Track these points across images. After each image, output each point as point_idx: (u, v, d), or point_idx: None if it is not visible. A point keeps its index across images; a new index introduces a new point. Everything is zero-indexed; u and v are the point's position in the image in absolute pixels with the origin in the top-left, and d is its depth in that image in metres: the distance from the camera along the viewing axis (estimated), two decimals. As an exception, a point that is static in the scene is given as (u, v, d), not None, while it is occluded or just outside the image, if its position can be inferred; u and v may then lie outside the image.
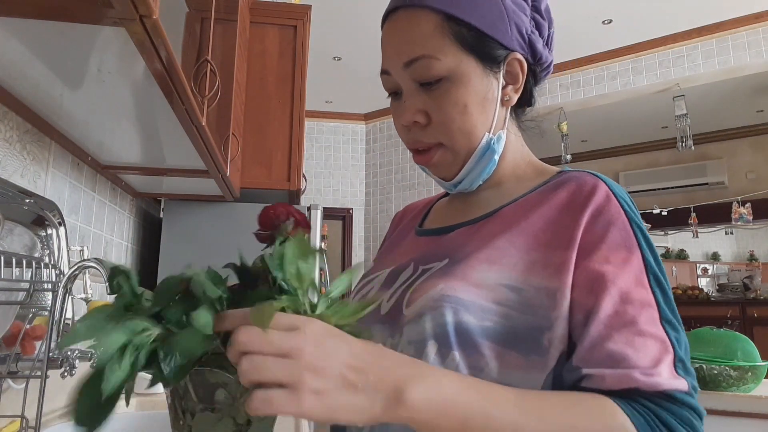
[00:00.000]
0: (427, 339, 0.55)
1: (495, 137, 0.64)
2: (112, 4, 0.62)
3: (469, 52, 0.61)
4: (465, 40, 0.61)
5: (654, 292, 0.54)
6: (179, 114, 1.06)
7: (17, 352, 1.03)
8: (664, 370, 0.49)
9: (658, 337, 0.51)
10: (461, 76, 0.61)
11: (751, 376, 1.71)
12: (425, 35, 0.61)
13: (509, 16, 0.62)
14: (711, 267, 6.69)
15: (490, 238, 0.60)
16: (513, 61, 0.63)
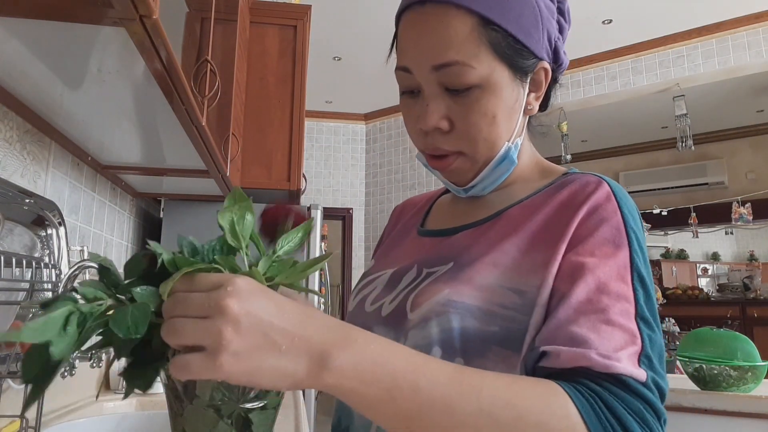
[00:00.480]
0: (433, 344, 0.55)
1: (513, 145, 0.62)
2: (112, 4, 0.62)
3: (501, 60, 0.58)
4: (500, 47, 0.58)
5: (635, 289, 0.51)
6: (179, 114, 1.06)
7: (17, 352, 1.03)
8: (623, 357, 0.46)
9: (627, 330, 0.48)
10: (494, 86, 0.58)
11: (751, 376, 1.71)
12: (460, 39, 0.56)
13: (543, 23, 0.60)
14: (711, 267, 6.69)
15: (496, 241, 0.59)
16: (540, 70, 0.62)
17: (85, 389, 1.56)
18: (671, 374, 2.09)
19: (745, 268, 5.98)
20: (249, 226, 0.46)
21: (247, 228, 0.45)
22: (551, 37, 0.62)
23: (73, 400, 1.46)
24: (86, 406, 1.45)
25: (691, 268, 6.67)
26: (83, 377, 1.52)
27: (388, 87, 4.62)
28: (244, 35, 2.16)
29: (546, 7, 0.61)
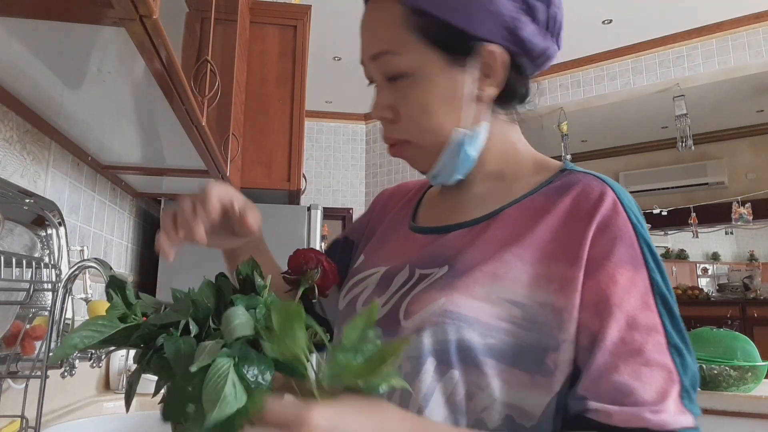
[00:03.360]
0: (426, 355, 0.54)
1: (468, 133, 0.60)
2: (112, 4, 0.62)
3: (434, 47, 0.57)
4: (430, 33, 0.57)
5: (661, 315, 0.51)
6: (179, 114, 1.06)
7: (17, 352, 1.03)
8: (671, 406, 0.48)
9: (664, 367, 0.49)
10: (424, 74, 0.58)
11: (751, 376, 1.71)
12: (388, 29, 0.58)
13: (490, 3, 0.57)
14: (711, 267, 6.69)
15: (495, 248, 0.57)
16: (487, 53, 0.58)
17: (85, 389, 1.56)
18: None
19: (745, 268, 5.99)
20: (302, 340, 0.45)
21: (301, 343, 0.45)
22: (504, 17, 0.57)
23: (73, 400, 1.46)
24: (86, 406, 1.44)
25: (691, 268, 6.67)
26: (83, 377, 1.52)
27: (388, 87, 4.62)
28: (244, 35, 2.16)
29: None
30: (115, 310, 0.49)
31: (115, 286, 0.49)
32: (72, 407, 1.40)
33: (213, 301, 0.55)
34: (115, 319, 0.49)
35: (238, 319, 0.49)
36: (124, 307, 0.50)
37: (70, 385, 1.42)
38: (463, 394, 0.53)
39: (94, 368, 1.54)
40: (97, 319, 0.48)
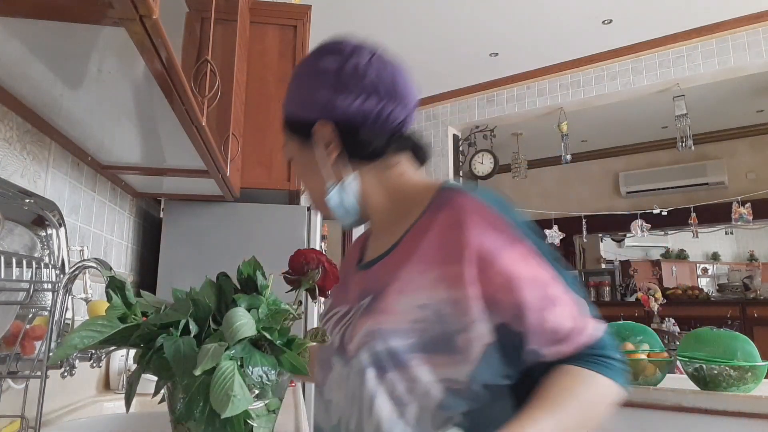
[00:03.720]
0: (366, 368, 0.70)
1: (338, 184, 0.79)
2: (112, 4, 0.62)
3: (292, 134, 0.82)
4: (288, 128, 0.83)
5: (546, 268, 0.68)
6: (179, 114, 1.06)
7: (17, 352, 1.03)
8: (588, 322, 0.69)
9: (570, 301, 0.68)
10: (294, 156, 0.84)
11: (751, 376, 1.71)
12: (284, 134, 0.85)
13: (305, 94, 0.79)
14: (711, 267, 6.69)
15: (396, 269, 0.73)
16: (318, 129, 0.78)
17: (85, 389, 1.56)
18: (671, 374, 2.09)
19: (745, 268, 5.98)
20: None
21: None
22: (320, 101, 0.77)
23: (73, 400, 1.46)
24: (86, 406, 1.45)
25: (691, 268, 6.67)
26: (83, 377, 1.52)
27: (388, 87, 4.62)
28: (244, 35, 2.16)
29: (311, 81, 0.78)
30: (115, 310, 0.49)
31: (115, 286, 0.49)
32: (72, 407, 1.40)
33: (214, 301, 0.55)
34: (114, 319, 0.49)
35: (241, 320, 0.49)
36: (124, 307, 0.50)
37: (70, 385, 1.42)
38: (404, 388, 0.69)
39: (94, 368, 1.54)
40: (97, 319, 0.48)
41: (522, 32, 3.74)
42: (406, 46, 3.87)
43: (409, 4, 3.38)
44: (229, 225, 2.15)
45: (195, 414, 0.49)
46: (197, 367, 0.46)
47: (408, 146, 0.82)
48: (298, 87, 0.81)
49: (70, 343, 0.46)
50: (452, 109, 4.80)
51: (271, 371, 0.52)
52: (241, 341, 0.50)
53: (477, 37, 3.81)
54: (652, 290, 3.53)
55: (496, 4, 3.39)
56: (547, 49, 3.99)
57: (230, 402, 0.45)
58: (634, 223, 4.94)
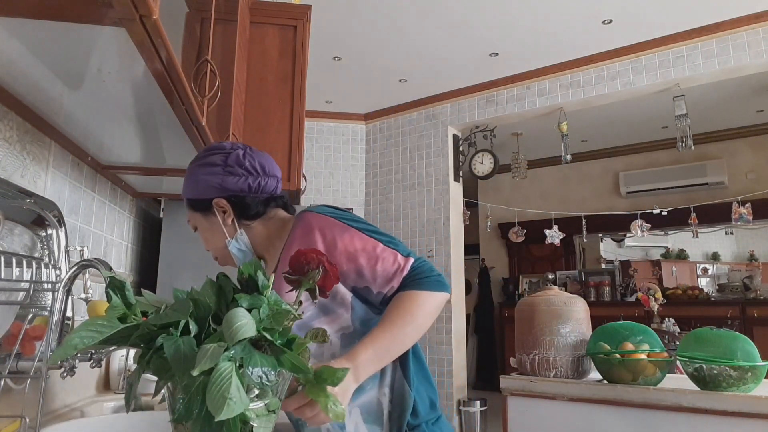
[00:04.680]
0: None
1: (233, 239, 1.11)
2: (112, 4, 0.62)
3: (194, 210, 1.12)
4: (191, 205, 1.12)
5: (371, 236, 1.03)
6: (179, 114, 1.06)
7: (17, 352, 1.03)
8: (401, 260, 1.02)
9: (390, 254, 1.02)
10: (198, 225, 1.13)
11: (751, 376, 1.71)
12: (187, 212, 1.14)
13: (201, 182, 1.08)
14: (711, 267, 6.69)
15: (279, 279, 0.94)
16: (216, 203, 1.09)
17: (85, 389, 1.56)
18: (671, 374, 2.09)
19: (745, 268, 5.98)
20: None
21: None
22: (212, 183, 1.07)
23: (73, 400, 1.46)
24: (86, 406, 1.44)
25: (691, 268, 6.67)
26: (83, 377, 1.52)
27: (388, 87, 4.62)
28: (244, 35, 2.16)
29: (204, 172, 1.08)
30: (115, 311, 0.49)
31: (115, 286, 0.49)
32: (72, 407, 1.40)
33: (214, 301, 0.55)
34: (114, 319, 0.49)
35: (241, 321, 0.49)
36: (124, 307, 0.50)
37: (70, 385, 1.42)
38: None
39: (94, 368, 1.54)
40: (97, 320, 0.48)
41: (522, 32, 3.74)
42: (406, 46, 3.87)
43: (409, 4, 3.38)
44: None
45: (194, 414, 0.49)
46: (195, 368, 0.46)
47: (281, 204, 1.16)
48: (195, 177, 1.09)
49: (70, 343, 0.46)
50: (452, 109, 4.80)
51: (270, 372, 0.52)
52: (240, 341, 0.49)
53: (477, 37, 3.81)
54: (652, 290, 3.53)
55: (496, 4, 3.39)
56: (547, 49, 3.99)
57: (226, 404, 0.45)
58: (634, 223, 4.93)
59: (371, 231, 1.05)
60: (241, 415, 0.50)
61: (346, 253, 1.01)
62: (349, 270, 1.01)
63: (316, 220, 1.04)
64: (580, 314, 2.16)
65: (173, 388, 0.52)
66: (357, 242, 1.01)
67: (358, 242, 1.01)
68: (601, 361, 1.98)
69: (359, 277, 1.01)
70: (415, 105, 4.95)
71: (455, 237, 4.65)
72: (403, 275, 1.01)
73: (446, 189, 4.70)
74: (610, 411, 1.91)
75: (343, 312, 1.04)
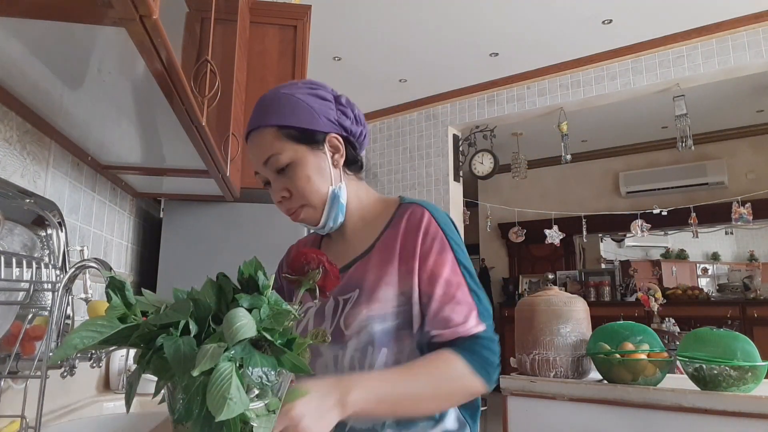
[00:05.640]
0: (368, 345, 0.89)
1: (337, 188, 0.96)
2: (112, 4, 0.62)
3: (299, 143, 0.93)
4: (294, 136, 0.92)
5: (464, 275, 0.91)
6: (179, 114, 1.06)
7: (17, 352, 1.03)
8: (472, 321, 0.87)
9: (468, 303, 0.89)
10: (299, 160, 0.92)
11: (751, 376, 1.71)
12: (268, 142, 0.92)
13: (318, 113, 0.93)
14: (711, 267, 6.69)
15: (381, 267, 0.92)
16: (331, 139, 0.95)
17: (85, 389, 1.56)
18: (671, 374, 2.09)
19: (745, 268, 5.98)
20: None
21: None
22: (331, 118, 0.94)
23: (73, 400, 1.46)
24: (86, 406, 1.45)
25: (691, 268, 6.67)
26: (83, 377, 1.52)
27: (388, 87, 4.62)
28: (244, 35, 2.16)
29: (319, 103, 0.94)
30: (115, 311, 0.49)
31: (115, 286, 0.49)
32: (72, 407, 1.40)
33: (214, 301, 0.55)
34: (114, 319, 0.49)
35: (241, 321, 0.49)
36: (124, 307, 0.50)
37: (70, 385, 1.42)
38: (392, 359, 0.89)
39: (94, 368, 1.54)
40: (97, 320, 0.48)
41: (522, 32, 3.74)
42: (406, 46, 3.87)
43: (409, 5, 3.38)
44: (229, 225, 2.15)
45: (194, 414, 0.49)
46: (195, 368, 0.46)
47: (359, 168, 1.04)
48: (306, 104, 0.94)
49: (70, 343, 0.46)
50: (452, 109, 4.80)
51: (271, 372, 0.52)
52: (240, 342, 0.49)
53: (477, 37, 3.81)
54: (652, 290, 3.52)
55: (496, 4, 3.39)
56: (547, 49, 3.99)
57: (226, 405, 0.45)
58: (634, 223, 4.94)
59: (467, 268, 0.92)
60: (241, 416, 0.50)
61: (430, 273, 0.89)
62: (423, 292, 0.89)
63: (427, 222, 0.92)
64: (580, 314, 2.16)
65: (173, 388, 0.52)
66: (446, 270, 0.89)
67: (447, 270, 0.89)
68: (601, 361, 1.98)
69: (425, 304, 0.89)
70: (415, 105, 4.95)
71: (455, 237, 4.64)
72: (459, 334, 0.86)
73: (446, 189, 4.70)
74: (610, 411, 1.91)
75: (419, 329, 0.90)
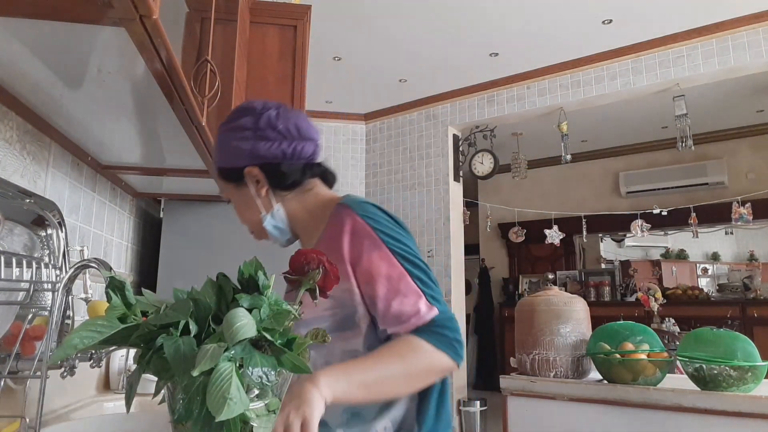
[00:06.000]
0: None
1: (270, 213, 1.01)
2: (112, 4, 0.62)
3: (227, 181, 1.02)
4: (223, 176, 1.02)
5: (402, 265, 0.90)
6: (179, 114, 1.06)
7: (17, 352, 1.03)
8: (423, 309, 0.88)
9: (414, 292, 0.89)
10: (231, 196, 1.03)
11: (751, 376, 1.71)
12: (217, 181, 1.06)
13: (232, 149, 0.98)
14: (711, 267, 6.69)
15: None
16: (248, 172, 0.98)
17: (85, 389, 1.56)
18: (671, 374, 2.09)
19: (745, 268, 5.98)
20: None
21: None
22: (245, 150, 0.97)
23: (73, 400, 1.46)
24: (86, 406, 1.45)
25: (691, 268, 6.66)
26: (83, 377, 1.52)
27: (388, 87, 4.62)
28: (244, 35, 2.16)
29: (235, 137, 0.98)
30: (115, 311, 0.49)
31: (115, 286, 0.49)
32: (72, 407, 1.40)
33: (215, 301, 0.55)
34: (114, 319, 0.49)
35: (241, 321, 0.49)
36: (124, 307, 0.50)
37: (70, 385, 1.42)
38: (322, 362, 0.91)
39: (94, 368, 1.54)
40: (97, 320, 0.48)
41: (522, 32, 3.74)
42: (406, 46, 3.87)
43: (409, 5, 3.38)
44: (229, 225, 2.15)
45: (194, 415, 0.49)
46: (195, 368, 0.46)
47: (319, 172, 1.05)
48: (225, 143, 1.00)
49: (70, 344, 0.46)
50: (452, 109, 4.80)
51: (271, 372, 0.52)
52: (240, 342, 0.49)
53: (477, 37, 3.81)
54: (652, 290, 3.52)
55: (496, 4, 3.39)
56: (547, 49, 3.99)
57: (226, 405, 0.45)
58: (634, 223, 4.93)
59: (405, 257, 0.91)
60: (241, 416, 0.50)
61: (366, 274, 0.89)
62: (365, 294, 0.90)
63: (350, 222, 0.92)
64: (580, 314, 2.16)
65: (173, 388, 0.52)
66: (383, 266, 0.89)
67: (384, 266, 0.89)
68: (601, 361, 1.98)
69: (372, 305, 0.90)
70: (415, 105, 4.95)
71: (455, 237, 4.65)
72: (417, 324, 0.87)
73: (446, 189, 4.70)
74: (610, 411, 1.91)
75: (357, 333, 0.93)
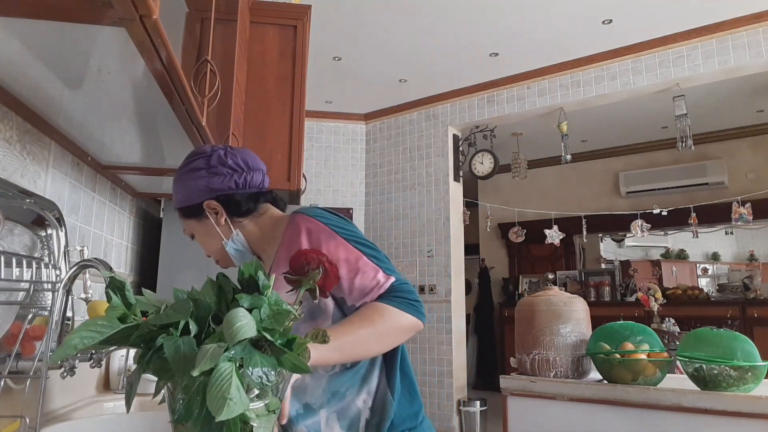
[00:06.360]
0: None
1: (230, 240, 1.13)
2: (112, 4, 0.62)
3: (188, 218, 1.14)
4: (184, 214, 1.14)
5: (358, 248, 1.02)
6: (179, 114, 1.06)
7: (17, 352, 1.03)
8: (382, 278, 1.00)
9: (372, 268, 1.01)
10: (194, 231, 1.15)
11: (751, 376, 1.71)
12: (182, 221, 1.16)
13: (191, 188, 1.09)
14: (711, 267, 6.69)
15: (279, 282, 0.97)
16: (207, 206, 1.10)
17: (85, 389, 1.56)
18: (671, 374, 2.09)
19: (745, 268, 5.98)
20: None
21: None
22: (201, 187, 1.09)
23: (73, 400, 1.46)
24: (86, 406, 1.45)
25: (691, 268, 6.66)
26: (83, 377, 1.52)
27: (388, 87, 4.62)
28: (244, 35, 2.16)
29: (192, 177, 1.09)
30: (115, 311, 0.49)
31: (115, 286, 0.49)
32: (72, 407, 1.40)
33: (215, 301, 0.55)
34: (114, 319, 0.49)
35: (241, 321, 0.49)
36: (124, 307, 0.50)
37: (70, 385, 1.42)
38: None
39: (94, 368, 1.54)
40: (97, 320, 0.48)
41: (522, 32, 3.74)
42: (406, 46, 3.87)
43: (409, 4, 3.38)
44: (229, 225, 2.14)
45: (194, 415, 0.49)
46: (195, 368, 0.46)
47: (270, 198, 1.17)
48: (183, 185, 1.11)
49: (70, 344, 0.46)
50: (452, 109, 4.80)
51: (271, 372, 0.52)
52: (240, 342, 0.49)
53: (477, 37, 3.81)
54: (652, 290, 3.52)
55: (496, 4, 3.39)
56: (547, 49, 3.99)
57: (226, 405, 0.45)
58: (634, 223, 4.93)
59: (358, 242, 1.04)
60: (241, 416, 0.50)
61: None
62: None
63: (304, 223, 1.05)
64: (580, 314, 2.16)
65: (173, 388, 0.52)
66: (341, 251, 1.01)
67: (342, 252, 1.01)
68: (601, 361, 1.98)
69: (337, 288, 1.01)
70: (415, 105, 4.95)
71: (455, 237, 4.65)
72: (379, 292, 1.00)
73: (446, 189, 4.70)
74: (610, 411, 1.91)
75: (324, 320, 1.04)
